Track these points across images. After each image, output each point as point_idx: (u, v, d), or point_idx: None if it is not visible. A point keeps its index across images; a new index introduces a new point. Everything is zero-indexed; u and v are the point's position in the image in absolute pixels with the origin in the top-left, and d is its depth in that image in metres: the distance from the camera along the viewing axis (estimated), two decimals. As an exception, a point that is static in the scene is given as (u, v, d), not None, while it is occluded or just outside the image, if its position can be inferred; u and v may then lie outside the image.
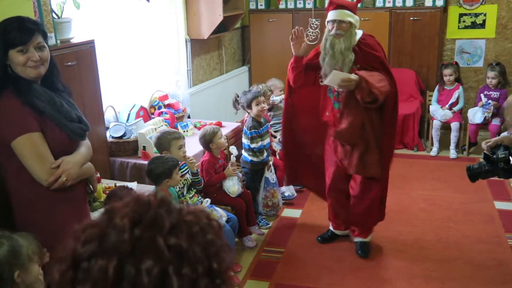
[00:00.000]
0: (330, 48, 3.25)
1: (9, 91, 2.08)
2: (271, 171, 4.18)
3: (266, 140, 4.09)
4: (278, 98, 4.90)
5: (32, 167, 2.08)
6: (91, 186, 2.40)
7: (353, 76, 3.15)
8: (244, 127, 4.04)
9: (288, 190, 4.53)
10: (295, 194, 4.56)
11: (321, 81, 3.39)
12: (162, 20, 4.71)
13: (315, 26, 4.33)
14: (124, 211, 0.76)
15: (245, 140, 4.04)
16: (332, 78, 3.17)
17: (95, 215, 2.87)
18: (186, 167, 3.47)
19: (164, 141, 3.37)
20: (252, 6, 6.29)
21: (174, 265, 0.70)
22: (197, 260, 0.72)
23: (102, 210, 0.81)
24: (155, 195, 0.78)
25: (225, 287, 0.76)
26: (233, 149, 3.90)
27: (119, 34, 4.21)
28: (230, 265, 0.79)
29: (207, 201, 3.48)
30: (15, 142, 2.05)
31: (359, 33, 3.34)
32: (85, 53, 3.46)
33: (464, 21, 5.88)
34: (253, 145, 3.97)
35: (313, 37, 4.40)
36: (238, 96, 4.20)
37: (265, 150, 4.07)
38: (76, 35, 3.47)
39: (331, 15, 3.26)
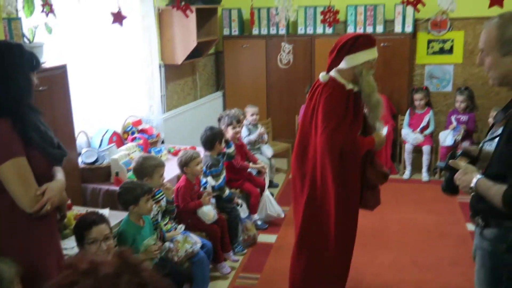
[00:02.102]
0: (375, 88, 2.99)
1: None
2: (241, 206, 4.15)
3: (223, 176, 4.08)
4: (253, 136, 5.04)
5: (16, 192, 2.01)
6: (61, 213, 2.33)
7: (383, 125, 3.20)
8: (204, 167, 3.91)
9: (261, 219, 4.49)
10: (282, 215, 4.53)
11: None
12: (136, 45, 4.68)
13: (288, 50, 4.36)
14: None
15: (204, 179, 3.99)
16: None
17: (66, 242, 2.78)
18: (162, 193, 3.41)
19: (148, 168, 3.31)
20: (226, 32, 6.32)
21: None
22: None
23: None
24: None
25: None
26: (210, 181, 3.88)
27: (92, 59, 4.16)
28: None
29: (181, 227, 3.41)
30: (1, 167, 1.98)
31: None
32: (57, 78, 3.40)
33: (432, 47, 6.02)
34: (213, 183, 3.94)
35: (285, 61, 4.43)
36: (221, 117, 4.40)
37: (227, 189, 4.07)
38: (48, 60, 3.42)
39: (373, 53, 2.95)
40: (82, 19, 3.95)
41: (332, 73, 2.99)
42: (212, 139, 4.02)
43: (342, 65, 2.95)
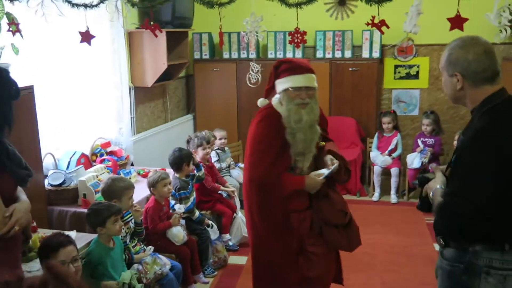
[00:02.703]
0: (298, 121, 2.70)
1: None
2: (211, 227, 4.12)
3: (193, 197, 4.06)
4: (224, 164, 5.10)
5: None
6: (26, 235, 2.28)
7: (331, 166, 2.74)
8: (172, 189, 3.86)
9: (234, 238, 4.47)
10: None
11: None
12: (106, 67, 4.66)
13: (257, 69, 4.41)
14: None
15: (173, 202, 3.97)
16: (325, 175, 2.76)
17: (30, 265, 2.71)
18: (130, 215, 3.37)
19: (116, 190, 3.27)
20: (197, 55, 6.36)
21: None
22: None
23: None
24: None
25: None
26: (179, 208, 3.84)
27: (61, 80, 4.12)
28: None
29: (150, 249, 3.37)
30: None
31: None
32: (23, 99, 3.34)
33: (399, 72, 6.18)
34: (180, 210, 3.90)
35: (254, 80, 4.47)
36: (190, 138, 4.43)
37: (196, 211, 4.05)
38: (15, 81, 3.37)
39: (298, 80, 2.70)
40: (49, 40, 3.93)
41: (274, 99, 2.87)
42: (179, 160, 4.01)
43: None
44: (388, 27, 2.49)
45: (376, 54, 5.95)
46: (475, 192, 1.89)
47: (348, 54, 6.01)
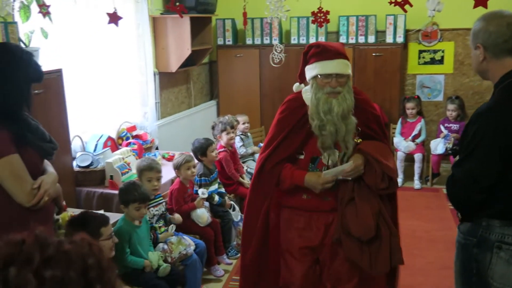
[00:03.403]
0: (328, 112, 2.41)
1: None
2: (233, 209, 4.18)
3: (214, 187, 4.11)
4: (249, 150, 5.17)
5: (13, 188, 2.06)
6: (58, 205, 2.39)
7: (358, 161, 2.41)
8: (196, 175, 3.92)
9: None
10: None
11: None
12: (131, 52, 4.74)
13: (280, 49, 4.41)
14: None
15: (196, 187, 4.03)
16: (332, 173, 2.43)
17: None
18: (160, 198, 3.46)
19: (137, 169, 3.38)
20: (220, 41, 6.40)
21: None
22: (71, 284, 0.77)
23: None
24: (30, 233, 0.81)
25: None
26: (202, 193, 3.88)
27: (87, 64, 4.22)
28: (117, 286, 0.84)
29: (172, 227, 3.44)
30: None
31: None
32: (52, 82, 3.45)
33: (423, 57, 6.12)
34: (200, 195, 3.93)
35: (277, 60, 4.47)
36: (215, 124, 4.48)
37: (216, 195, 4.09)
38: (44, 64, 3.47)
39: (327, 67, 2.41)
40: (77, 24, 4.02)
41: (305, 88, 2.59)
42: (201, 147, 4.06)
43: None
44: (411, 5, 2.48)
45: (400, 39, 5.90)
46: (472, 163, 1.96)
47: (371, 39, 5.97)
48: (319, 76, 2.43)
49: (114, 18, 2.74)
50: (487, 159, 1.94)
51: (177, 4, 2.61)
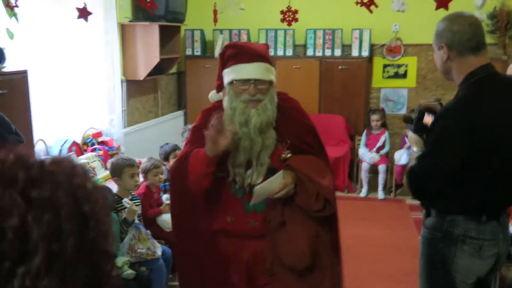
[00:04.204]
0: (244, 123, 2.10)
1: None
2: None
3: None
4: None
5: None
6: None
7: (287, 179, 2.09)
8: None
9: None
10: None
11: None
12: (99, 58, 4.70)
13: (222, 40, 4.38)
14: None
15: (161, 193, 3.97)
16: (259, 195, 2.09)
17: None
18: (138, 200, 3.43)
19: (117, 167, 3.32)
20: (189, 52, 6.41)
21: (33, 215, 0.70)
22: (61, 205, 0.72)
23: None
24: (8, 152, 0.77)
25: (102, 225, 0.77)
26: (167, 198, 3.80)
27: (54, 68, 4.15)
28: (105, 207, 0.80)
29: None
30: None
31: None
32: (17, 83, 3.38)
33: (388, 71, 6.27)
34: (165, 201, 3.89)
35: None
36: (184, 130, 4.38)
37: None
38: (9, 65, 3.40)
39: (244, 71, 2.10)
40: (45, 26, 3.96)
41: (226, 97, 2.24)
42: (164, 152, 4.02)
43: None
44: (376, 6, 2.56)
45: (365, 53, 6.04)
46: (437, 156, 2.02)
47: (338, 52, 6.09)
48: (235, 81, 2.11)
49: (83, 13, 2.72)
50: (452, 153, 1.99)
51: (148, 0, 2.59)
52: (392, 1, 2.45)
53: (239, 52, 2.14)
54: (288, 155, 2.17)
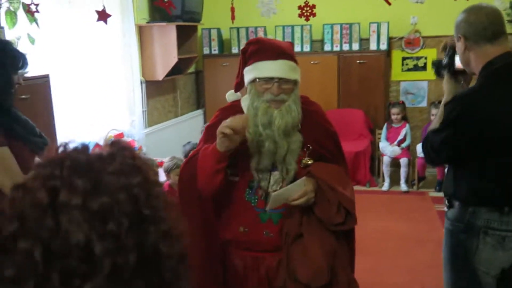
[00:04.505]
0: (267, 125, 1.96)
1: None
2: None
3: None
4: None
5: (2, 181, 2.04)
6: None
7: (308, 187, 1.93)
8: None
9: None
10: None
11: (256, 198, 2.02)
12: (117, 60, 4.76)
13: None
14: (37, 183, 0.69)
15: None
16: (276, 200, 1.93)
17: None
18: None
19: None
20: (206, 51, 6.45)
21: (96, 230, 0.65)
22: (122, 212, 0.67)
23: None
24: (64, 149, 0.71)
25: (163, 226, 0.70)
26: None
27: (75, 71, 4.23)
28: (166, 202, 0.74)
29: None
30: None
31: None
32: (39, 87, 3.45)
33: (407, 64, 6.22)
34: None
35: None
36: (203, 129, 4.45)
37: None
38: (31, 70, 3.47)
39: (267, 68, 1.97)
40: (65, 30, 4.04)
41: (244, 97, 2.12)
42: (186, 152, 4.07)
43: None
44: (391, -1, 2.51)
45: (383, 46, 6.00)
46: (446, 136, 2.05)
47: (355, 46, 6.06)
48: (257, 80, 1.98)
49: (103, 16, 2.77)
50: (457, 137, 2.02)
51: (166, 0, 2.63)
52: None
53: (262, 48, 2.00)
54: (309, 162, 2.04)
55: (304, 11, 2.80)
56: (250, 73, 2.02)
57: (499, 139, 1.98)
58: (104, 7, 2.70)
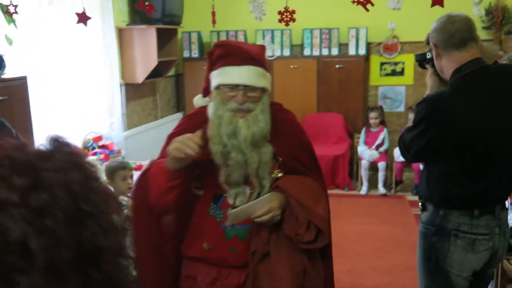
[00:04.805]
0: (231, 135, 1.81)
1: None
2: None
3: None
4: None
5: None
6: None
7: (274, 203, 1.79)
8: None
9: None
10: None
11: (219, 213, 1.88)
12: (97, 62, 4.73)
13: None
14: None
15: None
16: (236, 217, 1.80)
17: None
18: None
19: (109, 170, 3.25)
20: (186, 54, 6.45)
21: (34, 226, 0.65)
22: (60, 207, 0.67)
23: None
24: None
25: (103, 220, 0.71)
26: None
27: (53, 73, 4.19)
28: (107, 197, 0.74)
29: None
30: None
31: None
32: (17, 89, 3.42)
33: (385, 69, 6.30)
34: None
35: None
36: None
37: None
38: (8, 71, 3.44)
39: (232, 75, 1.81)
40: (43, 31, 4.00)
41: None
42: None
43: None
44: (372, 4, 2.57)
45: (362, 51, 6.07)
46: (414, 134, 2.14)
47: (335, 51, 6.12)
48: (221, 86, 1.82)
49: (83, 18, 2.76)
50: (421, 135, 2.10)
51: (147, 3, 2.63)
52: (389, -1, 2.45)
53: (229, 52, 1.83)
54: (280, 175, 1.88)
55: (284, 16, 2.81)
56: (215, 78, 1.86)
57: (461, 142, 2.04)
58: (84, 10, 2.69)
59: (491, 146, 2.05)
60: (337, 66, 6.08)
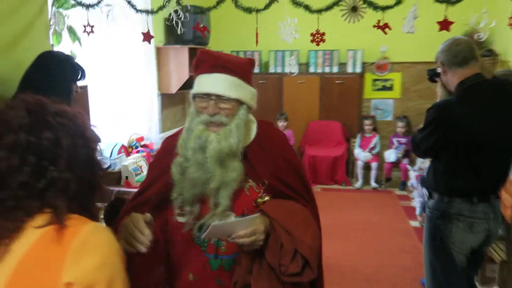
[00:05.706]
0: (198, 150, 1.43)
1: None
2: None
3: None
4: None
5: None
6: None
7: (259, 226, 1.36)
8: None
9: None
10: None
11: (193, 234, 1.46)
12: (140, 75, 4.79)
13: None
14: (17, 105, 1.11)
15: None
16: (214, 232, 1.33)
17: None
18: None
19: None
20: (210, 70, 6.49)
21: (63, 133, 1.09)
22: (77, 130, 1.14)
23: None
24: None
25: (94, 144, 1.25)
26: None
27: (105, 84, 4.25)
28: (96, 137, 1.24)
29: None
30: None
31: (253, 121, 1.58)
32: (79, 97, 3.45)
33: (377, 85, 6.36)
34: None
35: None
36: None
37: None
38: (73, 81, 3.49)
39: (202, 83, 1.45)
40: (100, 49, 4.06)
41: None
42: None
43: None
44: (390, 28, 2.61)
45: (358, 70, 6.13)
46: (423, 135, 2.22)
47: (335, 69, 6.19)
48: (194, 96, 1.48)
49: (147, 37, 2.82)
50: (429, 136, 2.18)
51: (201, 26, 2.69)
52: (403, 24, 2.49)
53: (200, 60, 1.48)
54: (266, 198, 1.46)
55: (315, 38, 2.87)
56: (193, 89, 1.51)
57: (462, 142, 2.10)
58: (149, 30, 2.75)
59: (487, 146, 2.10)
60: (337, 81, 6.14)
